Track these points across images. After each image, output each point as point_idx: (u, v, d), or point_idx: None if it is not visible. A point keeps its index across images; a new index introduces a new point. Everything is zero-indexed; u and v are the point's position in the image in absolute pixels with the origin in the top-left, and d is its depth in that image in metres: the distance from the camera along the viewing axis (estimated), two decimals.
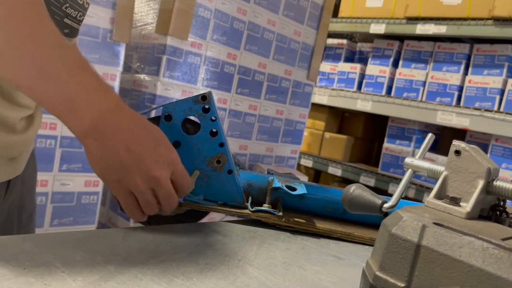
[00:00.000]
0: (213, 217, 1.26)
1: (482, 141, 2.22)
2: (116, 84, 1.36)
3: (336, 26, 2.63)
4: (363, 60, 2.71)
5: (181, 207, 0.55)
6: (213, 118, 0.52)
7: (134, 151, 0.44)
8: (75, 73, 0.41)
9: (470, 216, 0.36)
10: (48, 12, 0.42)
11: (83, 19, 0.54)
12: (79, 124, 0.42)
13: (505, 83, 2.08)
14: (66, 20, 0.50)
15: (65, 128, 1.29)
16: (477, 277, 0.30)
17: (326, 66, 2.75)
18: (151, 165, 0.44)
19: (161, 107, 0.52)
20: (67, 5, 0.49)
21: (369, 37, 2.74)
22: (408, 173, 0.42)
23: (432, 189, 0.39)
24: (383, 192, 2.27)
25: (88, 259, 0.39)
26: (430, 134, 0.45)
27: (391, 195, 0.43)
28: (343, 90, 2.61)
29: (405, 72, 2.41)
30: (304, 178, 1.67)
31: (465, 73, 2.23)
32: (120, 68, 1.36)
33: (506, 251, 0.29)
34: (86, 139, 0.43)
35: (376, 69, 2.51)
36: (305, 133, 2.45)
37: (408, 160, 0.43)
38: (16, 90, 0.49)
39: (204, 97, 0.51)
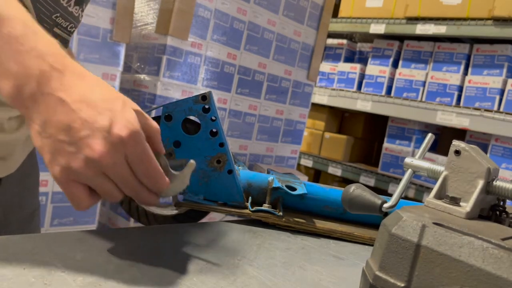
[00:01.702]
0: (213, 217, 1.26)
1: (482, 141, 2.22)
2: (116, 84, 1.36)
3: (336, 26, 2.63)
4: (363, 60, 2.71)
5: (181, 207, 0.55)
6: (213, 118, 0.52)
7: (70, 127, 0.35)
8: None
9: (470, 216, 0.36)
10: (37, 20, 0.40)
11: (74, 30, 0.53)
12: (3, 86, 0.35)
13: (505, 83, 2.08)
14: (55, 29, 0.49)
15: None
16: (477, 277, 0.30)
17: (326, 66, 2.75)
18: (90, 142, 0.35)
19: (161, 107, 0.52)
20: (58, 14, 0.48)
21: (369, 37, 2.74)
22: (408, 173, 0.42)
23: (432, 189, 0.39)
24: (383, 192, 2.28)
25: (88, 259, 0.39)
26: (430, 134, 0.45)
27: (391, 195, 0.43)
28: (343, 90, 2.61)
29: (405, 72, 2.41)
30: (304, 178, 1.67)
31: (465, 73, 2.23)
32: (120, 68, 1.36)
33: (506, 251, 0.29)
34: (18, 107, 0.36)
35: (376, 69, 2.51)
36: (305, 133, 2.45)
37: (408, 160, 0.43)
38: None
39: (204, 97, 0.51)
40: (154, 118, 0.53)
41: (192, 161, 0.42)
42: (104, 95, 0.37)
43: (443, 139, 2.50)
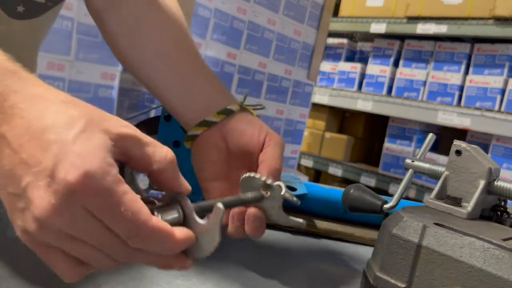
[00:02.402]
0: None
1: (483, 141, 2.22)
2: (115, 84, 1.36)
3: (336, 25, 2.63)
4: (364, 60, 2.71)
5: None
6: None
7: (13, 174, 0.26)
8: None
9: (471, 216, 0.36)
10: None
11: None
12: None
13: (505, 82, 2.08)
14: None
15: None
16: (478, 278, 0.29)
17: (326, 66, 2.75)
18: (32, 195, 0.25)
19: (161, 107, 0.52)
20: None
21: (369, 37, 2.74)
22: (408, 173, 0.42)
23: (432, 189, 0.39)
24: (383, 192, 2.27)
25: None
26: (430, 134, 0.45)
27: (391, 195, 0.43)
28: (343, 90, 2.61)
29: (405, 72, 2.41)
30: (305, 178, 1.67)
31: (466, 72, 2.23)
32: (120, 68, 1.35)
33: (507, 252, 0.29)
34: None
35: (377, 69, 2.51)
36: (305, 133, 2.45)
37: (408, 160, 0.43)
38: None
39: None
40: (154, 118, 0.53)
41: (219, 205, 0.29)
42: (58, 118, 0.26)
43: (444, 139, 2.49)
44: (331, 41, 2.78)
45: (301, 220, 0.37)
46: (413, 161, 0.42)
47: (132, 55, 0.49)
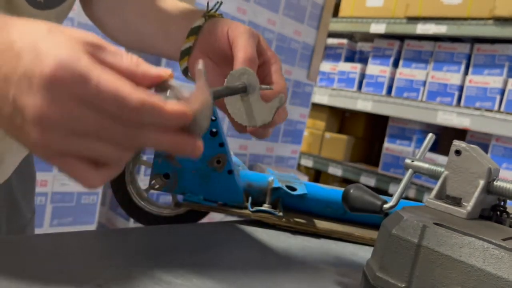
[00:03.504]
0: (213, 217, 1.26)
1: (483, 141, 2.22)
2: None
3: (336, 25, 2.63)
4: (363, 60, 2.71)
5: (180, 207, 0.55)
6: (213, 118, 0.52)
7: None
8: None
9: (471, 216, 0.36)
10: None
11: None
12: None
13: (505, 83, 2.08)
14: None
15: None
16: (477, 278, 0.29)
17: (326, 66, 2.75)
18: (22, 102, 0.26)
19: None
20: None
21: (369, 37, 2.74)
22: (408, 173, 0.42)
23: (432, 189, 0.39)
24: (383, 192, 2.27)
25: (87, 260, 0.39)
26: (430, 134, 0.45)
27: (391, 195, 0.43)
28: (343, 90, 2.61)
29: (405, 72, 2.41)
30: (305, 178, 1.67)
31: (466, 73, 2.23)
32: None
33: (506, 251, 0.29)
34: None
35: (377, 69, 2.51)
36: (305, 133, 2.45)
37: (408, 160, 0.43)
38: None
39: None
40: None
41: (199, 65, 0.29)
42: (25, 29, 0.27)
43: (443, 139, 2.49)
44: (331, 41, 2.78)
45: (279, 96, 0.37)
46: (412, 161, 0.42)
47: (117, 24, 0.57)
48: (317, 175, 2.92)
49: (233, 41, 0.44)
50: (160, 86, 0.29)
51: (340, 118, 2.82)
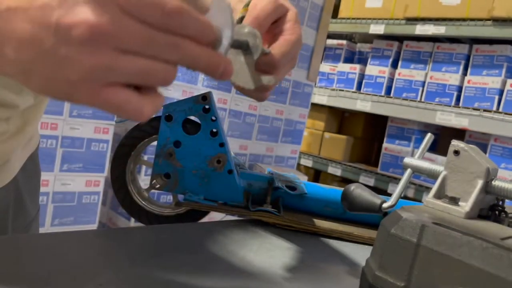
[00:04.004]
0: (213, 217, 1.27)
1: (481, 141, 2.22)
2: None
3: (335, 26, 2.63)
4: (363, 61, 2.72)
5: (181, 207, 0.55)
6: (213, 118, 0.52)
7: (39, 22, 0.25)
8: None
9: (469, 216, 0.36)
10: None
11: None
12: None
13: (504, 83, 2.08)
14: None
15: (66, 128, 1.29)
16: (476, 277, 0.30)
17: (325, 67, 2.76)
18: (70, 18, 0.25)
19: (162, 107, 0.52)
20: None
21: (368, 38, 2.75)
22: (407, 173, 0.42)
23: (431, 188, 0.39)
24: (382, 192, 2.28)
25: (88, 259, 0.39)
26: (429, 134, 0.45)
27: (390, 195, 0.43)
28: (342, 90, 2.61)
29: (404, 73, 2.42)
30: (304, 178, 1.67)
31: (464, 73, 2.24)
32: None
33: (505, 251, 0.30)
34: None
35: (376, 70, 2.52)
36: (305, 133, 2.46)
37: (407, 160, 0.43)
38: None
39: (205, 97, 0.51)
40: (154, 119, 0.54)
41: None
42: None
43: (442, 139, 2.50)
44: (331, 42, 2.78)
45: (270, 77, 0.35)
46: (411, 161, 0.43)
47: None
48: (316, 175, 2.92)
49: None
50: None
51: (340, 118, 2.82)
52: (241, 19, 0.46)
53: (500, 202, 0.39)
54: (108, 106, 0.27)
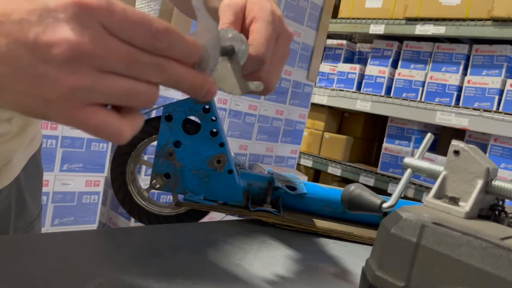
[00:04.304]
0: (213, 216, 1.27)
1: (481, 141, 2.22)
2: None
3: (335, 26, 2.63)
4: (363, 61, 2.72)
5: (181, 207, 0.55)
6: (213, 118, 0.52)
7: (10, 42, 0.24)
8: None
9: (469, 216, 0.36)
10: None
11: None
12: None
13: (504, 83, 2.08)
14: None
15: (66, 128, 1.29)
16: (476, 277, 0.30)
17: (325, 67, 2.76)
18: (47, 37, 0.24)
19: (162, 107, 0.52)
20: None
21: (368, 38, 2.75)
22: (407, 173, 0.42)
23: (431, 188, 0.39)
24: (382, 191, 2.28)
25: (88, 259, 0.39)
26: (429, 134, 0.45)
27: (390, 195, 0.43)
28: (342, 90, 2.62)
29: (404, 73, 2.42)
30: (304, 178, 1.67)
31: (464, 73, 2.24)
32: None
33: (505, 251, 0.30)
34: None
35: (376, 70, 2.52)
36: (305, 133, 2.46)
37: (407, 160, 0.43)
38: None
39: None
40: (154, 119, 0.54)
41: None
42: None
43: (442, 139, 2.50)
44: (331, 42, 2.78)
45: (258, 83, 0.35)
46: (411, 161, 0.43)
47: None
48: (316, 175, 2.92)
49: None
50: None
51: (340, 118, 2.82)
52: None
53: (500, 202, 0.39)
54: (85, 127, 0.26)
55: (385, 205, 0.43)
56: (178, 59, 0.27)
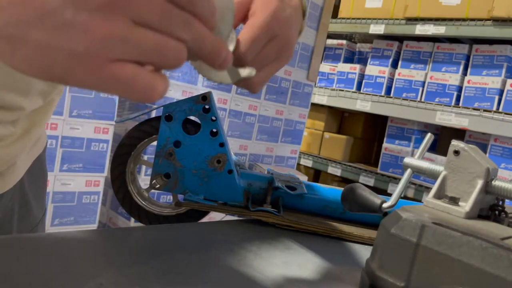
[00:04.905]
0: (213, 217, 1.27)
1: (481, 141, 2.22)
2: None
3: (335, 26, 2.63)
4: (363, 61, 2.72)
5: (181, 207, 0.55)
6: (213, 118, 0.52)
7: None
8: None
9: (469, 216, 0.36)
10: None
11: None
12: None
13: (504, 83, 2.08)
14: None
15: (66, 128, 1.29)
16: (476, 277, 0.30)
17: (325, 67, 2.76)
18: None
19: (162, 108, 0.52)
20: None
21: (368, 38, 2.75)
22: (407, 173, 0.43)
23: (431, 188, 0.39)
24: (382, 191, 2.28)
25: (88, 259, 0.39)
26: (429, 134, 0.45)
27: (390, 195, 0.43)
28: (342, 90, 2.62)
29: (404, 73, 2.42)
30: (304, 178, 1.67)
31: (464, 73, 2.24)
32: None
33: (505, 251, 0.30)
34: None
35: (376, 70, 2.52)
36: (305, 133, 2.46)
37: (407, 160, 0.43)
38: None
39: (205, 97, 0.51)
40: (154, 119, 0.54)
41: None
42: None
43: (442, 139, 2.50)
44: (331, 42, 2.78)
45: (250, 69, 0.33)
46: (411, 161, 0.43)
47: None
48: (316, 175, 2.92)
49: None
50: None
51: (340, 118, 2.82)
52: None
53: (500, 202, 0.39)
54: (115, 83, 0.23)
55: (385, 205, 0.43)
56: (202, 19, 0.27)
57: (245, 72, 0.34)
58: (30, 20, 0.21)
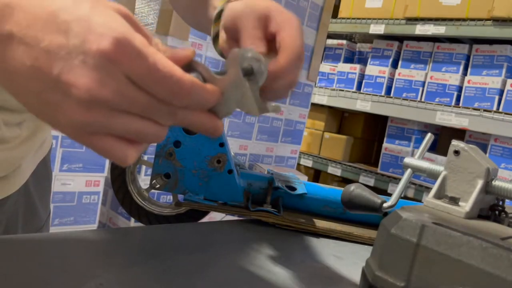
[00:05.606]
0: (213, 217, 1.27)
1: (481, 141, 2.22)
2: None
3: (335, 26, 2.63)
4: (363, 61, 2.72)
5: (181, 207, 0.55)
6: None
7: (36, 69, 0.25)
8: None
9: (469, 216, 0.36)
10: None
11: None
12: None
13: (504, 83, 2.08)
14: None
15: None
16: (476, 277, 0.30)
17: (325, 67, 2.76)
18: (69, 78, 0.24)
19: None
20: None
21: (368, 38, 2.75)
22: (407, 173, 0.42)
23: (431, 188, 0.39)
24: (382, 192, 2.28)
25: (88, 259, 0.39)
26: (429, 134, 0.45)
27: (390, 195, 0.43)
28: (342, 90, 2.62)
29: (404, 73, 2.42)
30: (304, 178, 1.67)
31: (464, 73, 2.24)
32: None
33: (505, 251, 0.30)
34: None
35: (376, 70, 2.52)
36: (305, 133, 2.46)
37: (407, 160, 0.43)
38: None
39: None
40: None
41: (234, 49, 0.31)
42: (62, 1, 0.25)
43: (442, 139, 2.50)
44: (331, 42, 2.78)
45: (276, 105, 0.35)
46: (411, 161, 0.43)
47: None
48: (316, 175, 2.92)
49: (242, 20, 0.42)
50: (187, 66, 0.29)
51: (340, 118, 2.82)
52: (219, 14, 0.45)
53: (500, 202, 0.39)
54: (92, 149, 0.27)
55: (385, 205, 0.43)
56: (193, 108, 0.28)
57: (271, 107, 0.36)
58: (23, 90, 0.26)
